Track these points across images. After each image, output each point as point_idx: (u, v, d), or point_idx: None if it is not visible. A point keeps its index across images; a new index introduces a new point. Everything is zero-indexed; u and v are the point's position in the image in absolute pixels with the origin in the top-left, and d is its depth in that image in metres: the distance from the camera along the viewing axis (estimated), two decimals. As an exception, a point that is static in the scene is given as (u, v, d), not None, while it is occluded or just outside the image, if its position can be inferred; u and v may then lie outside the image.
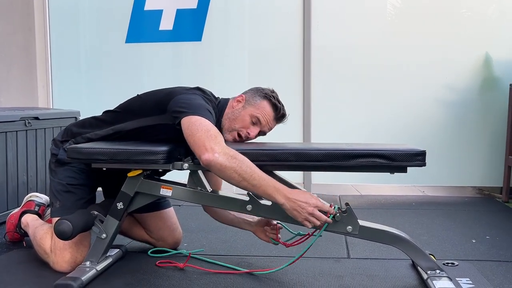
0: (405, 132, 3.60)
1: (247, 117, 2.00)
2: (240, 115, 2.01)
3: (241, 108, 2.02)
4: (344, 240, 2.43)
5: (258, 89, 2.08)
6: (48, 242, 2.00)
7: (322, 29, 3.67)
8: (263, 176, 1.67)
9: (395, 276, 1.93)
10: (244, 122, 2.00)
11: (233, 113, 2.02)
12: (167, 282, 1.86)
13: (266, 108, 2.02)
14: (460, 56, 3.57)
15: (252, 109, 2.01)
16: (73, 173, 2.04)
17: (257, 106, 2.02)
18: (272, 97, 2.04)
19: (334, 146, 1.83)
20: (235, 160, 1.65)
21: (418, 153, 1.72)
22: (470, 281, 1.86)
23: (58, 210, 2.00)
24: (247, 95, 2.06)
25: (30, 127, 2.89)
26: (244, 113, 2.01)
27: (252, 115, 2.00)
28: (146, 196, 1.92)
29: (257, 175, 1.66)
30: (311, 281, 1.89)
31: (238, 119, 2.01)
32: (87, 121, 2.13)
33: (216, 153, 1.64)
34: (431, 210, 3.13)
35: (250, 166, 1.67)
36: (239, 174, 1.65)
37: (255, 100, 2.03)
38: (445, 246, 2.36)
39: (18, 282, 1.86)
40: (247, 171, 1.65)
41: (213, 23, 3.79)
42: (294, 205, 1.67)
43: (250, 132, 2.01)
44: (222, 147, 1.67)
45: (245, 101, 2.04)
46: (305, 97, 3.69)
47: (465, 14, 3.57)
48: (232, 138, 2.02)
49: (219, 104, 2.06)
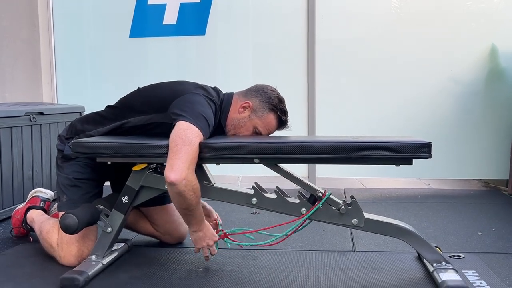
0: (411, 125, 3.59)
1: (251, 128, 2.03)
2: (245, 125, 2.02)
3: (247, 118, 2.02)
4: (350, 233, 2.43)
5: (265, 95, 2.03)
6: (54, 237, 2.01)
7: (326, 23, 3.66)
8: (199, 213, 1.85)
9: (401, 269, 1.93)
10: (248, 131, 2.03)
11: (238, 122, 2.02)
12: (173, 275, 1.87)
13: (272, 123, 2.03)
14: (466, 48, 3.55)
15: (258, 121, 2.01)
16: (80, 168, 2.05)
17: (264, 119, 2.01)
18: (279, 110, 2.01)
19: (339, 138, 1.82)
20: (192, 194, 1.75)
21: (424, 145, 1.71)
22: (477, 273, 1.86)
23: (65, 204, 2.01)
24: (254, 103, 2.01)
25: (35, 122, 2.89)
26: (249, 124, 2.02)
27: (256, 127, 2.02)
28: (151, 190, 1.93)
29: (196, 212, 1.82)
30: (317, 274, 1.89)
31: (243, 128, 2.03)
32: (91, 117, 2.13)
33: (184, 180, 1.70)
34: (436, 203, 3.12)
35: (196, 205, 1.79)
36: (186, 205, 1.78)
37: (262, 112, 2.01)
38: (451, 238, 2.35)
39: (25, 276, 1.87)
40: (192, 204, 1.77)
41: (217, 17, 3.78)
42: (201, 237, 1.89)
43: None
44: (191, 175, 1.73)
45: (251, 111, 2.02)
46: (310, 90, 3.68)
47: (470, 6, 3.54)
48: (232, 133, 2.06)
49: (222, 102, 2.05)
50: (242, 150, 1.77)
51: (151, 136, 1.97)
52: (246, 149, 1.77)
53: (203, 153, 1.80)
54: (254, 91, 2.06)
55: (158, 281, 1.81)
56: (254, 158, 1.79)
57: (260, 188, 1.86)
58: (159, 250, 2.18)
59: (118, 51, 3.90)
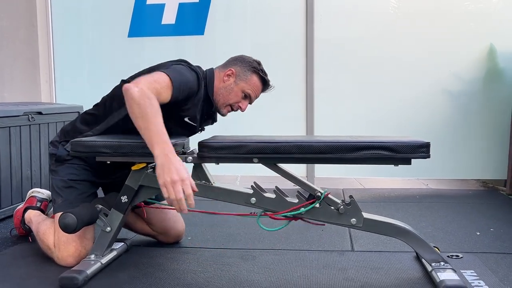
0: (409, 124, 3.59)
1: (240, 93, 2.09)
2: (233, 91, 2.09)
3: (233, 83, 2.09)
4: (348, 233, 2.43)
5: (244, 61, 2.13)
6: (51, 238, 2.01)
7: (325, 22, 3.66)
8: (159, 127, 1.69)
9: (399, 269, 1.93)
10: (237, 97, 2.10)
11: (226, 89, 2.09)
12: (172, 275, 1.87)
13: (256, 83, 2.11)
14: (465, 48, 3.56)
15: (244, 84, 2.09)
16: (74, 170, 2.06)
17: (249, 81, 2.09)
18: (260, 71, 2.12)
19: (338, 138, 1.83)
20: (146, 100, 1.70)
21: (422, 144, 1.72)
22: (475, 273, 1.86)
23: (61, 206, 2.01)
24: (236, 68, 2.11)
25: (34, 122, 2.89)
26: (237, 89, 2.09)
27: (244, 90, 2.09)
28: (150, 189, 1.93)
29: (155, 122, 1.68)
30: (315, 273, 1.89)
31: (231, 94, 2.09)
32: (82, 118, 2.15)
33: (137, 88, 1.72)
34: (435, 203, 3.13)
35: (154, 114, 1.70)
36: (140, 112, 1.69)
37: (245, 75, 2.10)
38: (449, 238, 2.36)
39: (23, 276, 1.87)
40: (148, 114, 1.69)
41: (216, 16, 3.78)
42: (165, 163, 1.63)
43: (242, 105, 2.12)
44: (147, 88, 1.73)
45: (235, 76, 2.10)
46: (308, 90, 3.68)
47: (469, 6, 3.55)
48: (227, 112, 2.13)
49: (206, 76, 2.11)
50: (241, 149, 1.78)
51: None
52: (245, 148, 1.77)
53: (202, 152, 1.80)
54: (233, 60, 2.15)
55: (157, 281, 1.81)
56: (253, 157, 1.79)
57: (259, 188, 1.86)
58: (158, 250, 2.18)
59: (117, 50, 3.90)
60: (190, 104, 2.00)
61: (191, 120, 2.05)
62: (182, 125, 2.06)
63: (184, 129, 2.08)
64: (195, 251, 2.17)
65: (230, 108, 2.13)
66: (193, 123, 2.07)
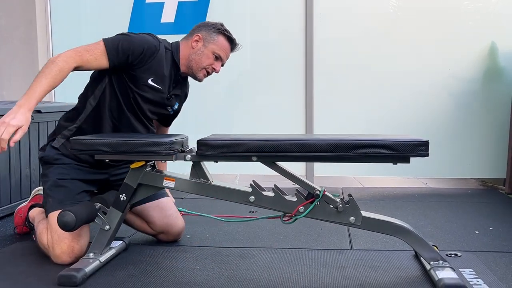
0: (408, 123, 3.59)
1: (211, 55, 2.18)
2: (204, 54, 2.18)
3: (203, 47, 2.18)
4: (347, 232, 2.43)
5: (208, 25, 2.23)
6: (45, 238, 2.01)
7: (324, 22, 3.66)
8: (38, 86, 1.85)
9: (398, 267, 1.93)
10: (209, 59, 2.18)
11: (197, 54, 2.18)
12: (170, 274, 1.87)
13: (224, 43, 2.21)
14: (464, 47, 3.56)
15: (213, 46, 2.18)
16: (62, 169, 2.08)
17: (217, 42, 2.18)
18: (225, 31, 2.21)
19: (337, 136, 1.82)
20: (48, 65, 1.90)
21: (421, 143, 1.71)
22: (473, 272, 1.86)
23: (52, 205, 2.01)
24: (202, 33, 2.19)
25: (33, 120, 2.84)
26: (207, 52, 2.17)
27: (214, 52, 2.18)
28: (149, 187, 1.93)
29: (39, 81, 1.86)
30: (314, 272, 1.89)
31: (203, 57, 2.18)
32: (64, 116, 2.22)
33: (55, 56, 1.94)
34: (434, 202, 3.13)
35: (44, 75, 1.87)
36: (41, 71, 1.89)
37: (212, 37, 2.19)
38: (448, 237, 2.36)
39: (22, 274, 1.87)
40: (40, 74, 1.87)
41: (215, 15, 3.77)
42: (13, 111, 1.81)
43: (216, 67, 2.21)
44: (67, 56, 1.93)
45: (203, 40, 2.18)
46: (307, 89, 3.68)
47: (469, 5, 3.55)
48: (203, 75, 2.22)
49: (172, 46, 2.20)
50: (240, 147, 1.77)
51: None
52: (244, 146, 1.77)
53: (201, 151, 1.80)
54: (197, 28, 2.24)
55: (155, 279, 1.81)
56: (252, 156, 1.79)
57: (258, 186, 1.86)
58: (157, 248, 2.18)
59: (116, 49, 3.89)
60: (149, 63, 2.07)
61: (155, 82, 2.10)
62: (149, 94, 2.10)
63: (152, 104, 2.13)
64: (194, 250, 2.17)
65: (205, 72, 2.21)
66: (159, 86, 2.11)
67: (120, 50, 2.02)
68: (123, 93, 2.09)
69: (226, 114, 3.85)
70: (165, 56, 2.13)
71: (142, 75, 2.07)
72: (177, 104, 2.27)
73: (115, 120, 2.11)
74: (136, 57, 2.03)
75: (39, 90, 1.85)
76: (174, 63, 2.17)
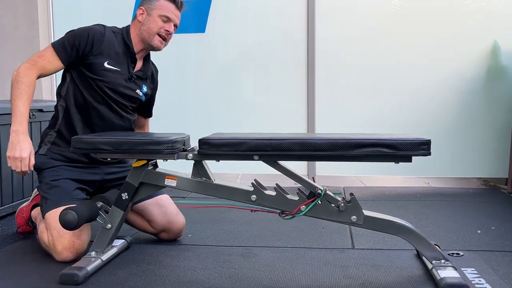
0: (410, 122, 3.59)
1: (157, 18, 2.19)
2: (151, 21, 2.20)
3: (147, 16, 2.21)
4: (349, 231, 2.43)
5: None
6: (45, 237, 2.01)
7: (326, 21, 3.65)
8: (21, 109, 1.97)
9: (400, 266, 1.93)
10: (157, 23, 2.19)
11: (144, 24, 2.21)
12: (172, 272, 1.87)
13: (166, 4, 2.21)
14: (467, 45, 3.55)
15: (156, 11, 2.19)
16: (54, 172, 2.12)
17: (158, 7, 2.20)
18: None
19: (339, 135, 1.82)
20: (14, 85, 2.00)
21: (423, 142, 1.71)
22: (475, 271, 1.86)
23: (48, 205, 2.03)
24: (144, 6, 2.23)
25: (35, 119, 2.89)
26: (153, 18, 2.20)
27: (159, 15, 2.19)
28: (150, 186, 1.93)
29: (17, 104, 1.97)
30: (316, 271, 1.89)
31: (151, 24, 2.19)
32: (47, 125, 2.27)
33: (15, 72, 2.02)
34: (436, 201, 3.12)
35: (18, 96, 1.98)
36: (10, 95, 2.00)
37: (153, 4, 2.21)
38: (450, 236, 2.36)
39: (24, 273, 1.87)
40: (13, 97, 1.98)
41: (217, 14, 3.78)
42: (14, 141, 1.93)
43: (168, 29, 2.21)
44: (25, 68, 2.03)
45: (146, 10, 2.21)
46: (309, 88, 3.68)
47: (471, 4, 3.54)
48: (158, 41, 2.21)
49: (122, 30, 2.24)
50: (242, 146, 1.77)
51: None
52: (245, 145, 1.77)
53: (202, 149, 1.80)
54: (139, 5, 2.27)
55: (157, 278, 1.81)
56: (253, 154, 1.79)
57: (259, 185, 1.86)
58: (158, 247, 2.18)
59: (118, 48, 3.90)
60: (99, 48, 2.12)
61: (111, 64, 2.14)
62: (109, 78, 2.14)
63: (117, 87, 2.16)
64: (195, 249, 2.17)
65: (159, 37, 2.20)
66: (116, 68, 2.15)
67: (68, 45, 2.09)
68: (86, 86, 2.14)
69: (228, 113, 3.85)
70: (115, 39, 2.19)
71: (96, 61, 2.13)
72: (145, 87, 2.29)
73: (84, 116, 2.16)
74: (84, 45, 2.10)
75: (22, 110, 1.97)
76: (126, 44, 2.21)
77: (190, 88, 3.84)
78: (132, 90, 2.23)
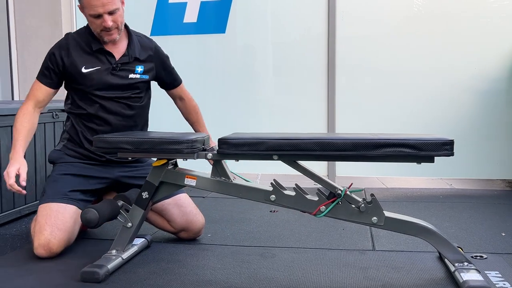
0: (433, 123, 3.54)
1: (91, 19, 2.12)
2: (89, 22, 2.15)
3: (85, 15, 2.14)
4: (369, 232, 2.40)
5: None
6: (32, 227, 2.10)
7: (347, 20, 3.63)
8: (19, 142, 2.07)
9: (421, 269, 1.90)
10: (94, 23, 2.12)
11: (88, 23, 2.18)
12: (192, 272, 1.87)
13: (90, 1, 2.08)
14: (490, 45, 3.48)
15: (86, 10, 2.11)
16: (61, 167, 2.19)
17: (85, 5, 2.10)
18: None
19: (359, 135, 1.80)
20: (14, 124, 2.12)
21: (446, 142, 1.68)
22: (500, 274, 1.82)
23: (43, 198, 2.12)
24: (79, 4, 2.15)
25: (58, 119, 2.93)
26: (88, 19, 2.14)
27: (90, 14, 2.10)
28: (170, 185, 1.94)
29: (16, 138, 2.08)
30: (336, 272, 1.87)
31: (92, 25, 2.15)
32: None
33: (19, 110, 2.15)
34: (459, 203, 3.07)
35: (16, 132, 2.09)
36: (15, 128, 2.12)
37: (82, 2, 2.11)
38: (473, 239, 2.31)
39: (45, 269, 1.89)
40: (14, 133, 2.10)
41: (237, 15, 3.78)
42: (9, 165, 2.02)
43: (104, 24, 2.10)
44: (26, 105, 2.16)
45: (82, 9, 2.14)
46: (330, 87, 3.66)
47: (494, 4, 3.47)
48: (106, 36, 2.14)
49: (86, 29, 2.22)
50: (261, 146, 1.76)
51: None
52: (265, 145, 1.76)
53: (222, 149, 1.80)
54: None
55: (176, 277, 1.81)
56: (273, 154, 1.78)
57: (279, 185, 1.85)
58: (178, 246, 2.19)
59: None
60: (69, 59, 2.15)
61: (88, 68, 2.16)
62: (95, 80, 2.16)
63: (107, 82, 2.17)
64: (215, 248, 2.17)
65: (105, 32, 2.13)
66: (94, 67, 2.16)
67: (45, 70, 2.18)
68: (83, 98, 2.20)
69: (248, 113, 3.85)
70: (81, 41, 2.19)
71: (74, 71, 2.16)
72: (140, 66, 2.24)
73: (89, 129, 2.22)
74: (56, 63, 2.16)
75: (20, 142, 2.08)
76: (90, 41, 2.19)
77: (209, 87, 3.85)
78: (123, 78, 2.20)
